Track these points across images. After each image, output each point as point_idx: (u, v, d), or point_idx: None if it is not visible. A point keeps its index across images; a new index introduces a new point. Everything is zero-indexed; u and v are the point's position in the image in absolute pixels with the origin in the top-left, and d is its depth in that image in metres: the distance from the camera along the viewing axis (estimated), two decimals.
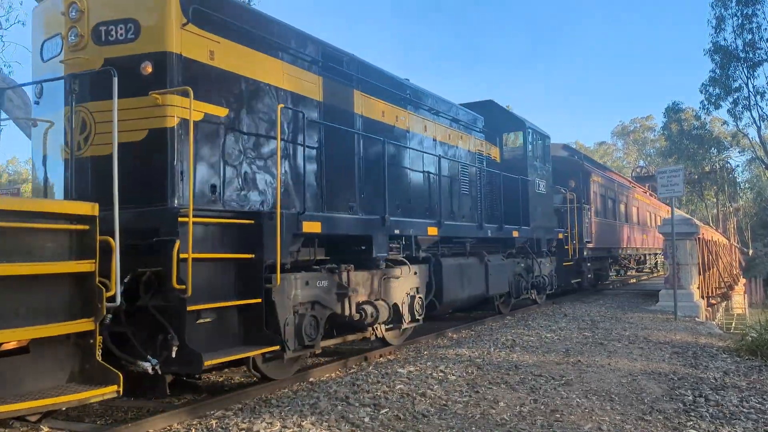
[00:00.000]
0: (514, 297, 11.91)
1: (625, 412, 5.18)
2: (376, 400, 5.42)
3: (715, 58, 32.35)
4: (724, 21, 31.61)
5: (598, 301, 15.38)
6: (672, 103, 42.80)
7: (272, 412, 5.09)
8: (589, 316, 11.81)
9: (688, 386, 6.13)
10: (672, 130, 43.68)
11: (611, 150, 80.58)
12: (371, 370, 6.77)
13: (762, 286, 36.46)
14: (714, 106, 33.77)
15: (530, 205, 12.45)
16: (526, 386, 6.00)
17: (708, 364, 7.28)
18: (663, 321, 11.34)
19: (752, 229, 55.99)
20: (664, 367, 7.07)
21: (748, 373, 6.89)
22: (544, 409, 5.24)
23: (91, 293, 4.33)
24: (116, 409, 5.55)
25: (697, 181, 46.12)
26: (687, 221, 14.40)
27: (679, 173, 12.59)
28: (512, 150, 13.11)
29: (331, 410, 5.13)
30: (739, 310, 26.32)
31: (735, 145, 48.68)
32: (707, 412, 5.23)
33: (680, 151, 42.89)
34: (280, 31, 6.70)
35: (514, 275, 11.88)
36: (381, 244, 7.49)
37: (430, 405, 5.32)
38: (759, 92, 31.59)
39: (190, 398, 5.94)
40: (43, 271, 4.13)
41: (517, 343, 8.50)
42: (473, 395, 5.65)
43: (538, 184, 13.04)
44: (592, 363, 7.16)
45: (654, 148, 70.52)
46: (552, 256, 13.99)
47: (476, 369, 6.74)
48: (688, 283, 13.44)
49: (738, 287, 27.72)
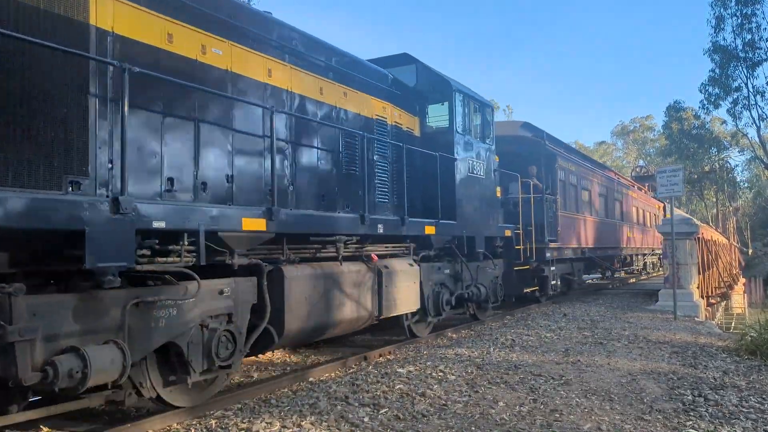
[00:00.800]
0: (431, 315, 9.00)
1: (625, 412, 5.18)
2: (376, 400, 5.42)
3: (714, 57, 32.41)
4: (723, 21, 31.66)
5: (598, 300, 15.37)
6: (673, 102, 42.88)
7: (272, 412, 5.09)
8: (588, 316, 11.82)
9: (687, 386, 6.13)
10: (672, 129, 43.70)
11: (611, 149, 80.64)
12: (371, 369, 6.78)
13: (761, 285, 36.48)
14: (714, 106, 33.83)
15: (458, 192, 9.65)
16: (525, 386, 6.00)
17: (707, 364, 7.29)
18: (662, 321, 11.34)
19: (752, 229, 56.03)
20: (663, 366, 7.07)
21: (747, 372, 6.90)
22: (543, 408, 5.24)
23: None
24: (116, 410, 5.55)
25: (696, 180, 46.15)
26: (687, 221, 14.40)
27: (678, 173, 12.59)
28: (440, 123, 10.11)
29: (331, 410, 5.13)
30: (739, 310, 26.34)
31: (734, 145, 48.74)
32: (707, 412, 5.23)
33: (680, 150, 42.92)
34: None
35: (433, 286, 9.07)
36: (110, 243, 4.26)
37: (430, 405, 5.33)
38: (758, 92, 31.64)
39: None
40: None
41: (516, 343, 8.51)
42: (473, 395, 5.65)
43: (471, 167, 10.24)
44: (591, 363, 7.16)
45: (654, 147, 70.58)
46: (497, 259, 11.27)
47: (476, 369, 6.75)
48: (687, 282, 13.44)
49: (737, 287, 27.74)
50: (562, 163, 15.14)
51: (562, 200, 14.57)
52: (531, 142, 14.75)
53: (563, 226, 14.38)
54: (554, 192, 14.15)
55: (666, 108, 44.21)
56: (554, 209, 13.99)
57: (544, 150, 14.52)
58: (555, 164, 14.49)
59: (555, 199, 14.10)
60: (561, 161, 15.04)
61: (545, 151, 14.50)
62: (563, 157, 15.60)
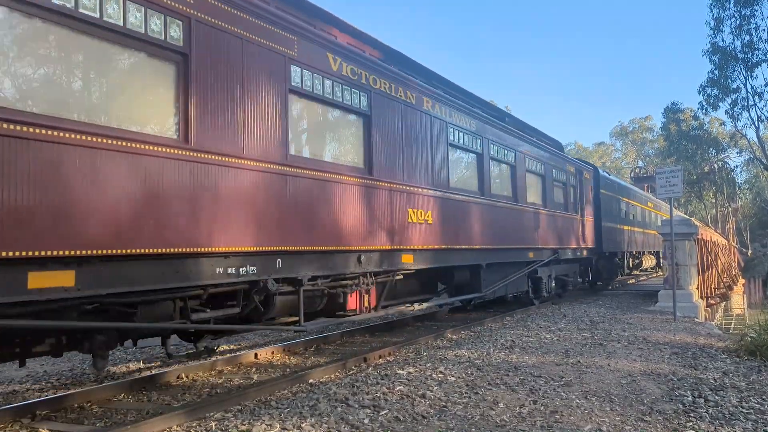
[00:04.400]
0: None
1: (625, 413, 5.17)
2: (376, 402, 5.41)
3: (713, 59, 32.43)
4: (722, 22, 31.69)
5: (597, 301, 15.37)
6: (671, 104, 42.97)
7: (272, 414, 5.09)
8: (588, 317, 11.81)
9: (687, 387, 6.13)
10: (671, 130, 43.76)
11: (610, 150, 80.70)
12: (370, 371, 6.77)
13: (761, 286, 36.48)
14: (712, 107, 33.85)
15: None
16: (525, 387, 6.00)
17: (707, 365, 7.28)
18: (662, 321, 11.34)
19: (751, 230, 56.10)
20: (663, 367, 7.07)
21: (747, 373, 6.89)
22: (543, 410, 5.23)
23: None
24: (115, 411, 5.55)
25: (695, 181, 46.21)
26: (686, 222, 14.40)
27: (677, 174, 12.59)
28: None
29: (331, 412, 5.12)
30: (738, 311, 26.34)
31: (733, 146, 48.81)
32: (707, 413, 5.23)
33: (679, 152, 42.97)
34: None
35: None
36: None
37: (430, 406, 5.32)
38: (757, 93, 31.65)
39: (190, 400, 5.94)
40: None
41: (516, 344, 8.50)
42: (473, 396, 5.64)
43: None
44: (591, 364, 7.16)
45: (653, 148, 70.67)
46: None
47: (476, 370, 6.74)
48: (687, 283, 13.44)
49: (737, 287, 27.75)
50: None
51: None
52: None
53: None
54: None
55: (664, 110, 44.31)
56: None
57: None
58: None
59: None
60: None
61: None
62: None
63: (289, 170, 6.17)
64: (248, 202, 5.64)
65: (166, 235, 4.84)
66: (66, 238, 4.14)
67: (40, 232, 4.01)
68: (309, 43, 6.63)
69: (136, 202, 4.63)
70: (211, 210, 5.25)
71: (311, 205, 6.45)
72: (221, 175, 5.39)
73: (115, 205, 4.48)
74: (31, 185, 3.98)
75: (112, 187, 4.46)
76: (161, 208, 4.80)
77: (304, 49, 6.55)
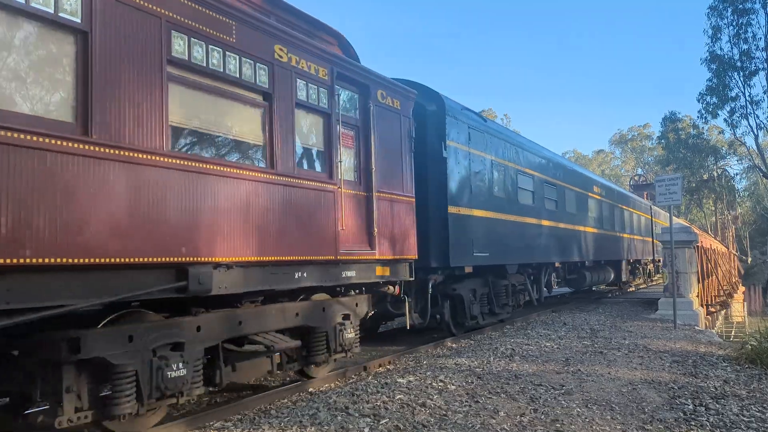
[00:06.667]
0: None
1: (626, 422, 5.16)
2: (376, 411, 5.40)
3: (711, 67, 32.54)
4: (720, 30, 31.83)
5: (597, 309, 15.36)
6: (669, 113, 43.01)
7: (272, 423, 5.07)
8: (588, 325, 11.80)
9: (688, 395, 6.12)
10: (669, 139, 43.83)
11: (609, 158, 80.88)
12: (370, 380, 6.76)
13: (761, 293, 36.48)
14: (711, 115, 33.90)
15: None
16: (526, 396, 5.99)
17: (708, 373, 7.27)
18: (662, 329, 11.33)
19: (751, 237, 56.12)
20: (664, 375, 7.06)
21: (748, 381, 6.88)
22: (544, 419, 5.22)
23: None
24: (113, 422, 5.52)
25: (695, 189, 46.23)
26: (686, 229, 14.42)
27: (677, 181, 12.62)
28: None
29: (331, 421, 5.11)
30: (739, 318, 26.32)
31: (732, 154, 48.88)
32: (707, 421, 5.22)
33: (678, 160, 43.01)
34: None
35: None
36: None
37: (430, 415, 5.31)
38: (755, 101, 31.74)
39: (190, 409, 5.92)
40: None
41: (516, 353, 8.49)
42: (473, 405, 5.63)
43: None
44: (591, 372, 7.15)
45: (652, 156, 70.76)
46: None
47: (476, 379, 6.73)
48: (687, 291, 13.44)
49: (737, 295, 27.74)
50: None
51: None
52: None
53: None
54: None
55: (662, 119, 44.37)
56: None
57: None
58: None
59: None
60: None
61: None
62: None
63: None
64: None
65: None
66: None
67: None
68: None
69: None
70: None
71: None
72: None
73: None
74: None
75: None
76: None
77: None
